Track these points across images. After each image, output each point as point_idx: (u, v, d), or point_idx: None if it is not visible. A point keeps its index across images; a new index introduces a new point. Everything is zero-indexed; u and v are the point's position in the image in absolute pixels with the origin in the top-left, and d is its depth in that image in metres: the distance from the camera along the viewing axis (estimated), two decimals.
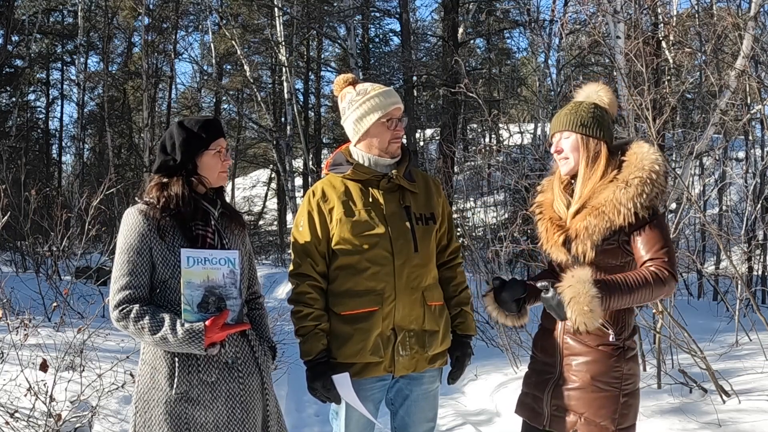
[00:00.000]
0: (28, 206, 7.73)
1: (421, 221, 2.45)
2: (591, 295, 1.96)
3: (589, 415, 2.12)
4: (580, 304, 1.96)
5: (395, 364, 2.39)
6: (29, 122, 20.80)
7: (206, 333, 2.05)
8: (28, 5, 19.12)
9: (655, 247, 2.06)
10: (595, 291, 1.96)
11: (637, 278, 2.02)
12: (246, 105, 22.81)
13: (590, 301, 1.95)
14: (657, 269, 2.03)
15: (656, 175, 2.10)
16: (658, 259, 2.04)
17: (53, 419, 3.52)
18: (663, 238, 2.07)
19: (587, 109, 2.21)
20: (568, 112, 2.23)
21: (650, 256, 2.06)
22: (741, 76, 6.55)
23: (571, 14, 11.45)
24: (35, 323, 4.89)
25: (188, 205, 2.16)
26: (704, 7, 9.29)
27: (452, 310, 2.56)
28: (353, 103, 2.43)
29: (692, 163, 7.40)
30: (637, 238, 2.09)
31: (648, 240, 2.07)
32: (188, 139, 2.19)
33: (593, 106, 2.22)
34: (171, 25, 19.47)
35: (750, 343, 5.07)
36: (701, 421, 3.71)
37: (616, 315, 2.15)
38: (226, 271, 2.12)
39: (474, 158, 11.83)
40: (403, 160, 2.49)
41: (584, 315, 1.96)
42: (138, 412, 2.15)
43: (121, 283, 2.11)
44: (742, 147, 9.63)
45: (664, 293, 2.05)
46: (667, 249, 2.06)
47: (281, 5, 16.32)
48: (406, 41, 15.08)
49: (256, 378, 2.24)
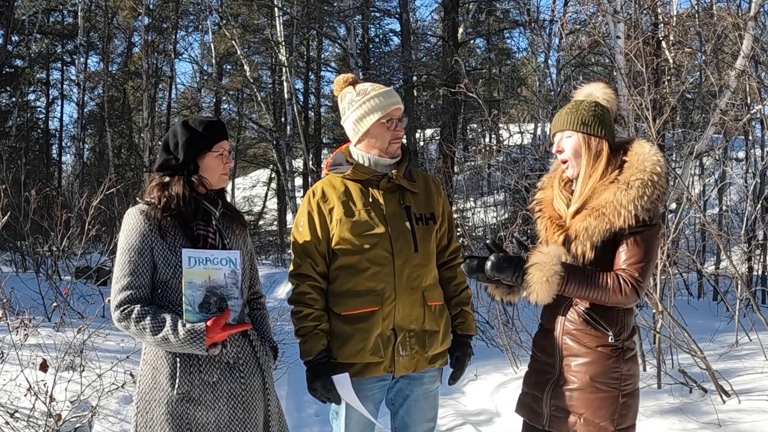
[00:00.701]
0: (28, 206, 7.73)
1: (421, 221, 2.45)
2: (554, 270, 2.03)
3: (588, 416, 2.12)
4: (541, 273, 2.03)
5: (395, 364, 2.39)
6: (29, 122, 20.80)
7: (208, 333, 2.05)
8: (28, 5, 19.12)
9: (632, 259, 2.08)
10: (560, 268, 2.03)
11: (602, 279, 2.07)
12: (246, 105, 22.81)
13: (552, 275, 2.03)
14: (624, 280, 2.07)
15: (657, 177, 2.09)
16: (629, 271, 2.07)
17: (53, 419, 3.52)
18: (645, 253, 2.08)
19: (588, 107, 2.20)
20: (569, 111, 2.22)
21: (623, 267, 2.09)
22: (741, 76, 6.55)
23: (571, 14, 11.45)
24: (35, 323, 4.89)
25: (189, 205, 2.16)
26: (704, 7, 9.29)
27: (452, 310, 2.56)
28: (353, 103, 2.43)
29: (692, 163, 7.41)
30: (623, 245, 2.10)
31: (629, 251, 2.09)
32: (191, 139, 2.18)
33: (594, 104, 2.22)
34: (171, 25, 19.46)
35: (750, 343, 5.07)
36: (701, 421, 3.71)
37: (615, 316, 2.15)
38: (228, 272, 2.12)
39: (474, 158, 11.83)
40: (403, 160, 2.49)
41: (540, 284, 2.03)
42: (139, 412, 2.15)
43: (123, 284, 2.10)
44: (742, 147, 9.63)
45: (622, 302, 2.09)
46: (643, 265, 2.08)
47: (281, 5, 16.32)
48: (406, 41, 15.08)
49: (257, 378, 2.24)
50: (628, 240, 2.08)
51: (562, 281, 2.04)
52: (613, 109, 2.27)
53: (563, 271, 2.04)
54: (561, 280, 2.04)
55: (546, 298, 2.05)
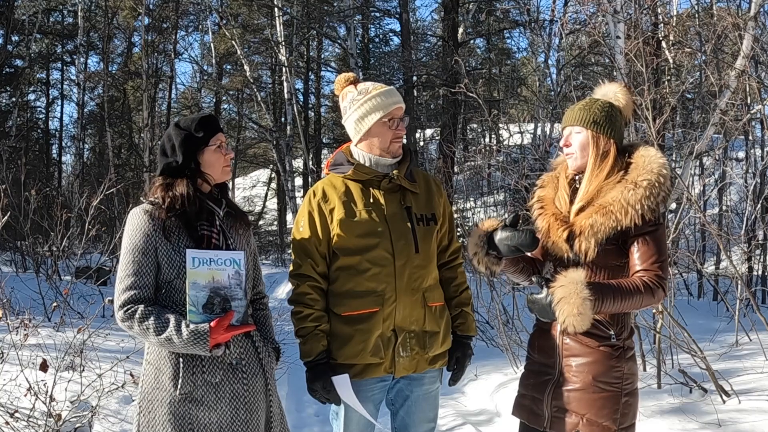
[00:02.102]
0: (28, 206, 7.73)
1: (422, 222, 2.45)
2: (582, 297, 1.97)
3: (591, 416, 2.12)
4: (570, 305, 1.97)
5: (396, 365, 2.38)
6: (29, 122, 20.79)
7: (211, 334, 2.05)
8: (28, 5, 19.08)
9: (651, 259, 2.08)
10: (587, 293, 1.98)
11: (630, 286, 2.05)
12: (246, 105, 22.83)
13: (581, 303, 1.97)
14: (649, 280, 2.06)
15: (663, 179, 2.11)
16: (651, 271, 2.08)
17: (53, 419, 3.53)
18: (659, 251, 2.10)
19: (601, 106, 2.21)
20: (582, 107, 2.22)
21: (644, 267, 2.08)
22: (741, 76, 6.56)
23: (571, 14, 11.46)
24: (35, 323, 4.89)
25: (193, 204, 2.16)
26: (704, 7, 9.29)
27: (453, 310, 2.56)
28: (354, 102, 2.43)
29: (692, 163, 7.41)
30: (636, 246, 2.10)
31: (645, 251, 2.09)
32: (187, 138, 2.18)
33: (608, 105, 2.22)
34: (171, 25, 19.46)
35: (750, 343, 5.07)
36: (701, 421, 3.72)
37: (616, 315, 2.16)
38: (232, 272, 2.12)
39: (474, 158, 11.83)
40: (404, 161, 2.48)
41: (573, 317, 1.97)
42: (142, 412, 2.15)
43: (126, 284, 2.10)
44: (742, 147, 9.62)
45: (652, 303, 2.10)
46: (661, 263, 2.09)
47: (281, 5, 16.32)
48: (406, 41, 15.08)
49: (260, 379, 2.23)
50: (640, 240, 2.09)
51: (594, 305, 1.99)
52: (627, 113, 2.27)
53: (592, 295, 1.98)
54: (593, 305, 1.98)
55: (585, 326, 1.99)
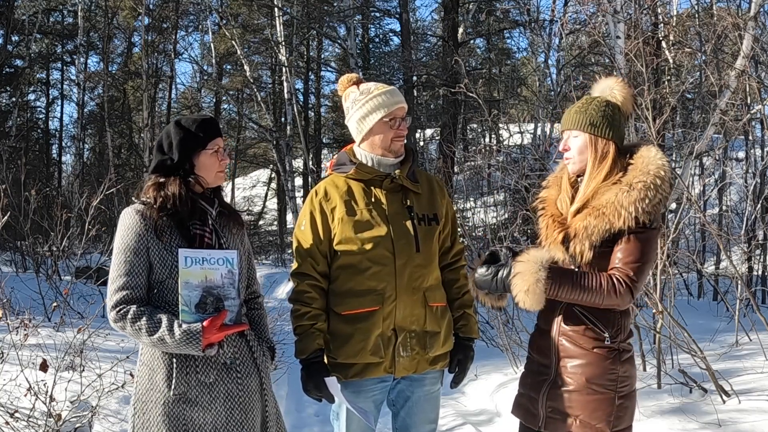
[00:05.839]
0: (28, 206, 7.73)
1: (423, 221, 2.45)
2: (536, 277, 2.00)
3: (585, 418, 2.12)
4: (523, 282, 2.02)
5: (396, 364, 2.38)
6: (29, 122, 20.79)
7: (204, 334, 2.04)
8: (28, 5, 19.08)
9: (629, 259, 2.05)
10: (544, 274, 2.00)
11: (593, 281, 2.04)
12: (246, 105, 22.81)
13: (534, 282, 2.00)
14: (618, 280, 2.04)
15: (660, 181, 2.07)
16: (624, 270, 2.05)
17: (53, 419, 3.53)
18: (641, 254, 2.06)
19: (598, 107, 2.17)
20: (578, 109, 2.19)
21: (619, 266, 2.06)
22: (741, 76, 6.56)
23: (571, 14, 11.47)
24: (35, 323, 4.89)
25: (185, 204, 2.15)
26: (704, 7, 9.29)
27: (455, 312, 2.56)
28: (357, 102, 2.44)
29: (692, 163, 7.41)
30: (619, 245, 2.08)
31: (625, 250, 2.07)
32: (185, 138, 2.17)
33: (605, 104, 2.18)
34: (171, 25, 19.46)
35: (750, 343, 5.07)
36: (701, 421, 3.71)
37: (612, 317, 2.14)
38: (225, 272, 2.11)
39: (474, 158, 11.82)
40: (406, 160, 2.49)
41: (524, 293, 2.02)
42: (137, 413, 2.14)
43: (118, 284, 2.09)
44: (742, 147, 9.62)
45: (615, 303, 2.07)
46: (639, 265, 2.06)
47: (281, 5, 16.31)
48: (406, 41, 15.08)
49: (254, 379, 2.23)
50: (624, 240, 2.07)
51: (548, 287, 2.01)
52: (627, 109, 2.23)
53: (548, 276, 2.01)
54: (546, 287, 2.01)
55: (534, 305, 2.03)
